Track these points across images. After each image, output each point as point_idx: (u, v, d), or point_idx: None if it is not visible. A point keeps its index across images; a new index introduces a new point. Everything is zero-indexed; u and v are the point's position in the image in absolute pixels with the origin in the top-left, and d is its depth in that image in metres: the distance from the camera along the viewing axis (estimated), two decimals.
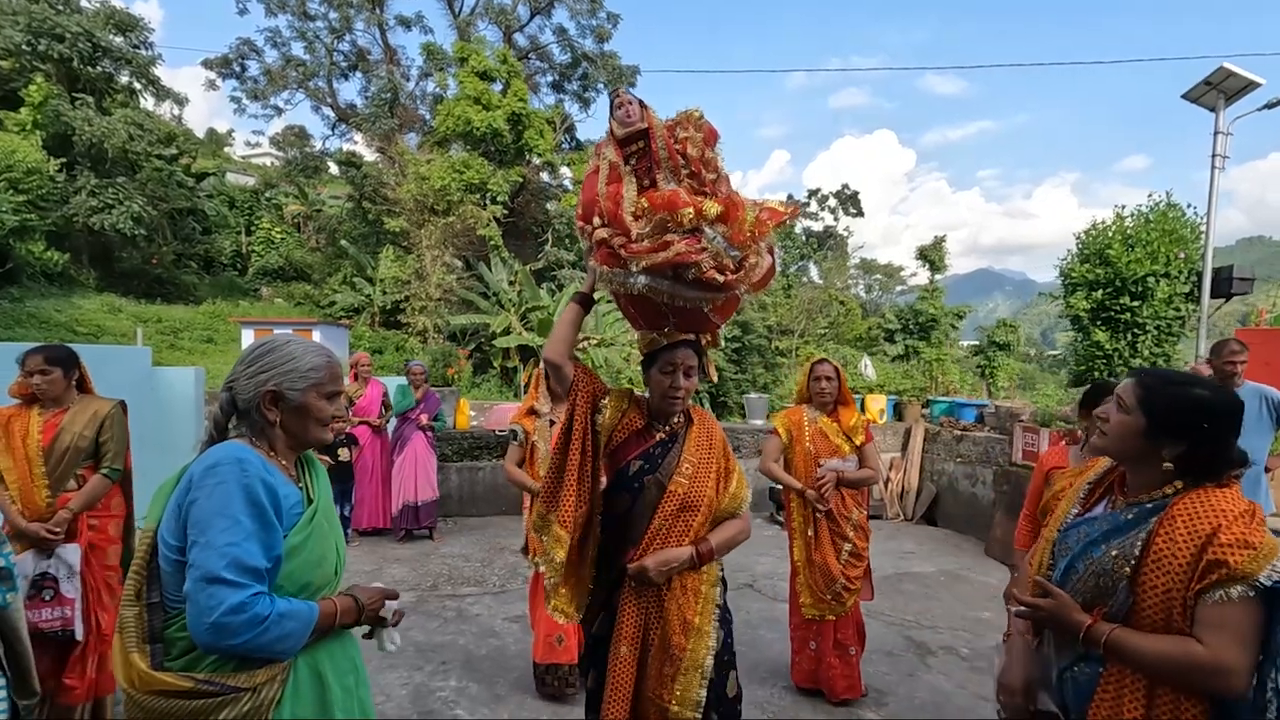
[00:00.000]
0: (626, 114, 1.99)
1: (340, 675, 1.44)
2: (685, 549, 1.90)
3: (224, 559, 1.24)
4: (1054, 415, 6.06)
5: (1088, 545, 1.48)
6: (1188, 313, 7.85)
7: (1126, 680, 1.37)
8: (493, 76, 21.32)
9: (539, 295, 20.15)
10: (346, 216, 24.30)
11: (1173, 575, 1.32)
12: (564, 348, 1.98)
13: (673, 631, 1.88)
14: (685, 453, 1.97)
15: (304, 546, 1.38)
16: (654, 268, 1.79)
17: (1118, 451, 1.53)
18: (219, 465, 1.31)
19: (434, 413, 6.26)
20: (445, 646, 3.94)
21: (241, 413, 1.45)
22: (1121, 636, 1.36)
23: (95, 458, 2.87)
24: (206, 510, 1.27)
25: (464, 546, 5.98)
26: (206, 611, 1.22)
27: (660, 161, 1.93)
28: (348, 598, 1.46)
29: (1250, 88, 7.39)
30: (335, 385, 1.51)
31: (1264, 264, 14.61)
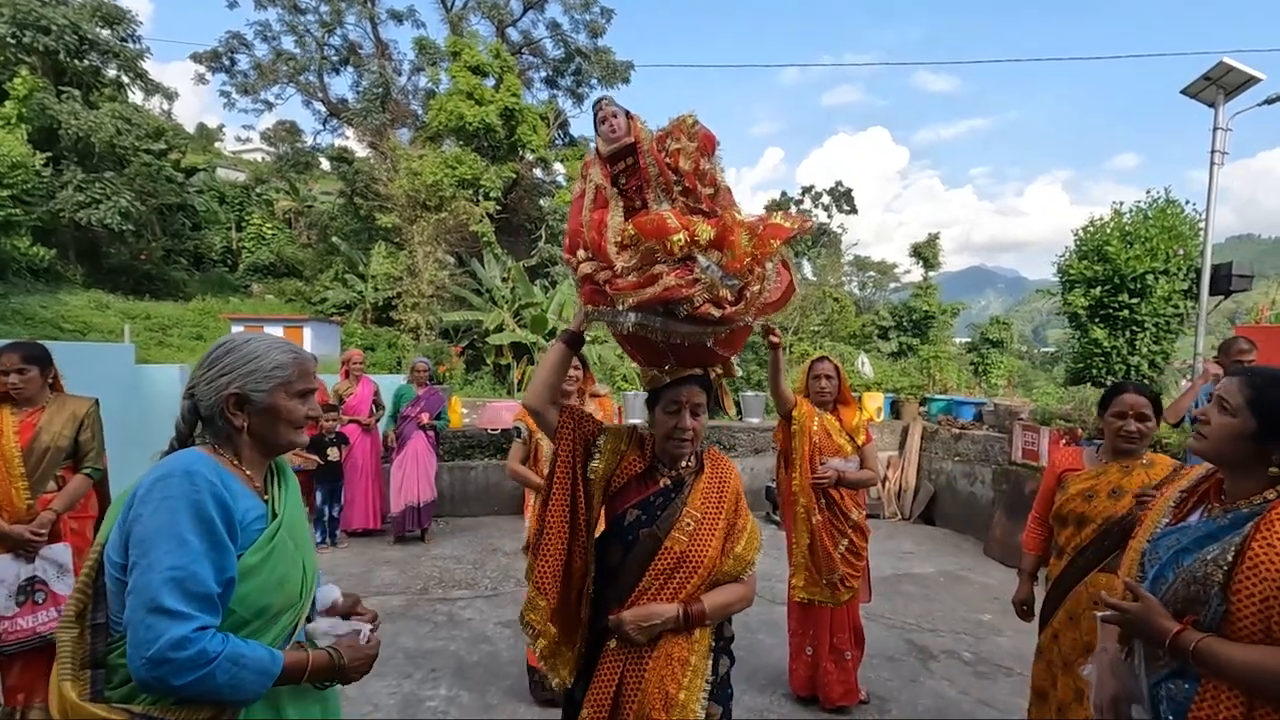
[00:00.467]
0: (611, 129, 1.83)
1: (302, 708, 1.30)
2: (671, 607, 1.67)
3: (168, 584, 1.11)
4: (1054, 414, 5.99)
5: (1179, 553, 1.40)
6: (1186, 310, 7.81)
7: (1223, 696, 1.27)
8: (485, 71, 21.16)
9: (532, 292, 20.01)
10: (338, 212, 24.10)
11: (1271, 582, 1.23)
12: (546, 393, 1.78)
13: (651, 705, 1.63)
14: (689, 505, 1.74)
15: (262, 567, 1.25)
16: (643, 304, 1.59)
17: (1219, 455, 1.44)
18: (166, 478, 1.19)
19: (436, 411, 6.12)
20: (435, 653, 3.83)
21: (205, 420, 1.33)
22: (1211, 645, 1.27)
23: (74, 457, 2.83)
24: (150, 528, 1.14)
25: (456, 548, 5.87)
26: (144, 645, 1.09)
27: (650, 179, 1.76)
28: (324, 654, 1.30)
29: (1250, 83, 7.34)
30: (306, 383, 1.39)
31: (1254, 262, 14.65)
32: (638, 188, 1.77)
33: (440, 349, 18.37)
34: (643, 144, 1.77)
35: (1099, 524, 2.30)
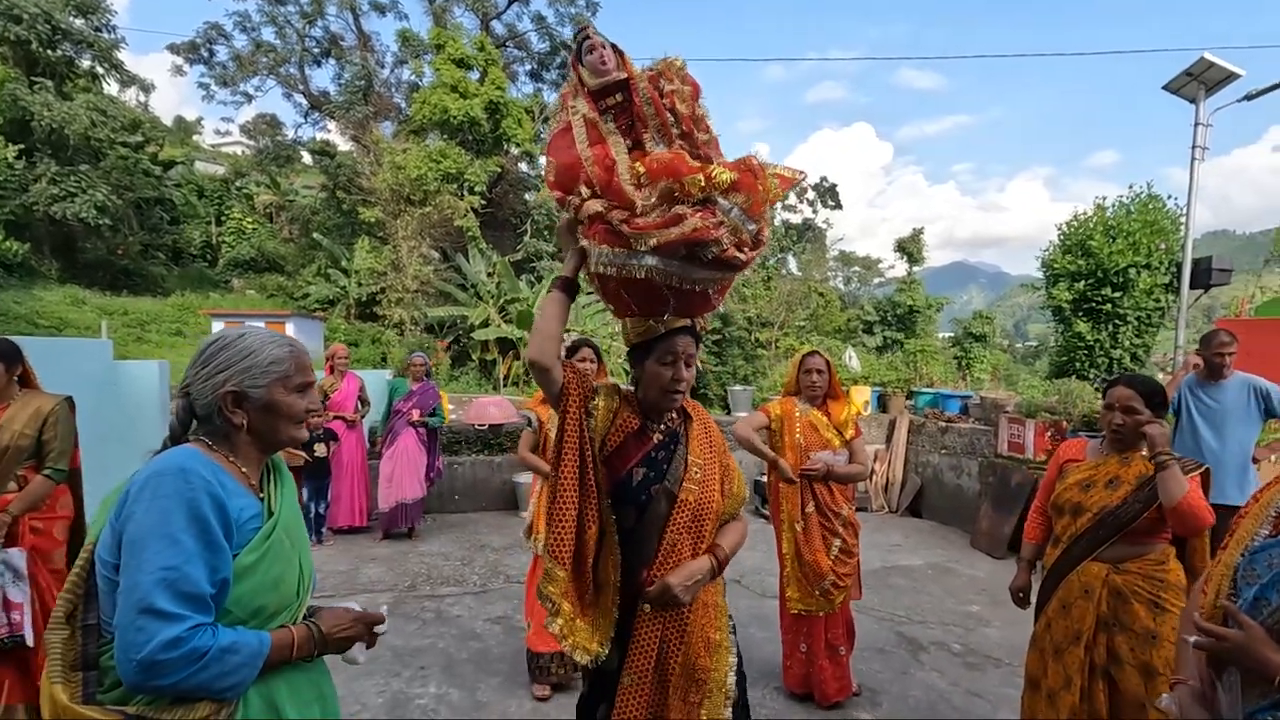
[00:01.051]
0: (601, 59, 1.72)
1: (301, 706, 1.28)
2: (704, 560, 1.69)
3: (159, 585, 1.09)
4: (1039, 406, 6.04)
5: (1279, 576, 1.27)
6: (1167, 304, 7.91)
7: None
8: (470, 64, 20.97)
9: (518, 287, 19.90)
10: (320, 207, 23.82)
11: None
12: (551, 346, 1.65)
13: (697, 654, 1.68)
14: (691, 455, 1.74)
15: (257, 567, 1.22)
16: (665, 246, 1.51)
17: None
18: (159, 476, 1.16)
19: (429, 408, 6.04)
20: (424, 650, 3.79)
21: (202, 418, 1.30)
22: None
23: (38, 457, 2.72)
24: (143, 527, 1.12)
25: (443, 545, 5.81)
26: (135, 647, 1.07)
27: (646, 119, 1.67)
28: (304, 627, 1.30)
29: (1230, 79, 7.43)
30: (304, 376, 1.36)
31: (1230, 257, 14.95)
32: (628, 126, 1.69)
33: (426, 344, 18.24)
34: (637, 81, 1.69)
35: (1094, 513, 2.31)
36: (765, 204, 1.57)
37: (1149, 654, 2.18)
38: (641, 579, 1.68)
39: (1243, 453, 3.88)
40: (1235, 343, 3.92)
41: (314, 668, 1.35)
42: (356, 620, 1.38)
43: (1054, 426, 5.88)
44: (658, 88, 1.69)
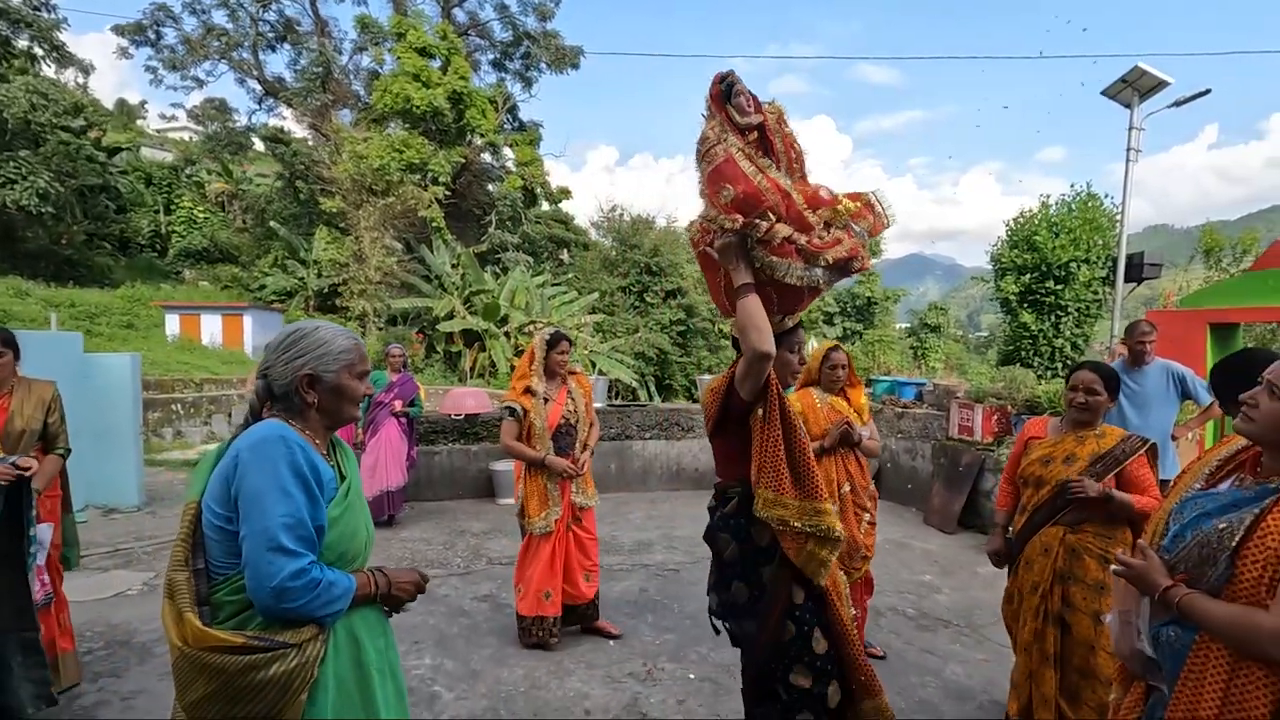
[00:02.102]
0: (746, 103, 2.05)
1: (373, 638, 1.53)
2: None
3: (282, 528, 1.32)
4: (987, 393, 6.47)
5: (1200, 516, 1.49)
6: (1104, 296, 8.46)
7: (1214, 649, 1.38)
8: (432, 53, 20.73)
9: (483, 278, 19.85)
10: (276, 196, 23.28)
11: (1273, 551, 1.32)
12: (772, 338, 2.00)
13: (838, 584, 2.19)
14: None
15: (342, 519, 1.46)
16: (837, 262, 1.95)
17: (1265, 436, 1.49)
18: (266, 441, 1.39)
19: (409, 398, 6.16)
20: (416, 627, 3.96)
21: (278, 396, 1.51)
22: (1193, 600, 1.39)
23: (43, 439, 2.96)
24: (259, 484, 1.34)
25: (424, 531, 5.95)
26: (269, 577, 1.31)
27: (777, 155, 2.04)
28: (373, 574, 1.54)
29: (1161, 86, 7.98)
30: (364, 365, 1.58)
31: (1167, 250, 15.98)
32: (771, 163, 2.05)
33: (402, 336, 18.07)
34: (771, 123, 2.05)
35: (1052, 485, 2.63)
36: (881, 229, 2.05)
37: (1099, 602, 2.49)
38: None
39: (1163, 432, 4.29)
40: (1155, 332, 4.33)
41: (379, 609, 1.60)
42: (412, 575, 1.62)
43: (1000, 411, 6.31)
44: (782, 128, 2.07)
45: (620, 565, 5.11)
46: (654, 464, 7.54)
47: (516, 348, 19.25)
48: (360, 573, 1.51)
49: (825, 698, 2.03)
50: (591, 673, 3.46)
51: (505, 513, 6.58)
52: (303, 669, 1.34)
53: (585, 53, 24.23)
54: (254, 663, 1.31)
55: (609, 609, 4.28)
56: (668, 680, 3.39)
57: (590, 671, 3.47)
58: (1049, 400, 5.83)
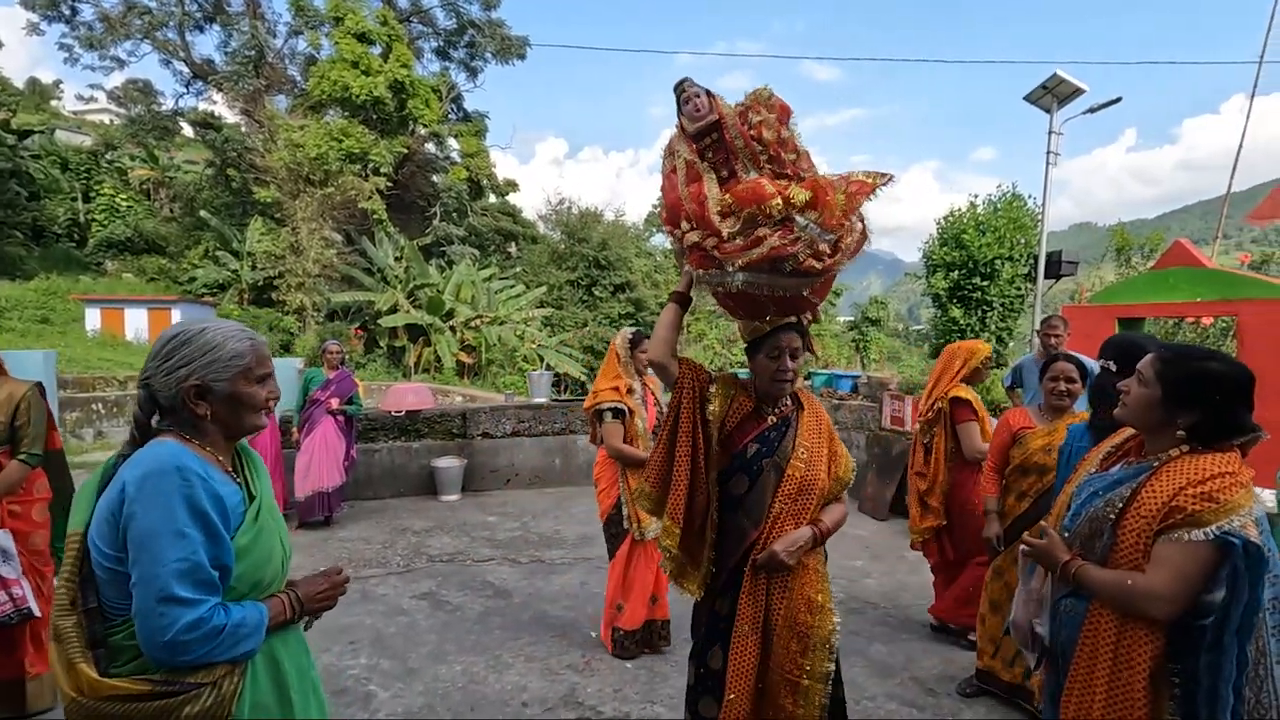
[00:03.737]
0: (695, 108, 1.97)
1: (294, 657, 1.45)
2: (806, 529, 1.96)
3: (176, 575, 1.21)
4: (917, 384, 6.75)
5: (1091, 496, 1.67)
6: (1026, 291, 8.93)
7: (1103, 616, 1.56)
8: (372, 39, 20.13)
9: (427, 272, 19.48)
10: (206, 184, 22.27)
11: (1148, 519, 1.50)
12: (665, 348, 2.03)
13: (798, 611, 1.94)
14: (800, 437, 2.02)
15: (253, 546, 1.35)
16: (751, 265, 1.77)
17: (1136, 420, 1.66)
18: (158, 475, 1.25)
19: (347, 395, 6.02)
20: (352, 627, 3.91)
21: (166, 410, 1.37)
22: (1083, 570, 1.58)
23: (12, 443, 2.75)
24: (149, 525, 1.22)
25: (364, 530, 5.85)
26: (160, 631, 1.20)
27: (737, 152, 1.91)
28: (288, 596, 1.43)
29: (1078, 93, 8.43)
30: (264, 367, 1.44)
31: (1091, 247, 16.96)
32: (724, 159, 1.93)
33: (339, 331, 17.56)
34: (727, 120, 1.92)
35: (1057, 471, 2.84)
36: (839, 215, 1.78)
37: None
38: (750, 540, 1.97)
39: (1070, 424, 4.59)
40: (1066, 326, 4.61)
41: (297, 625, 1.51)
42: (326, 581, 1.52)
43: None
44: (746, 121, 1.93)
45: (561, 559, 5.15)
46: None
47: (463, 342, 18.99)
48: (274, 598, 1.40)
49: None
50: (530, 666, 3.49)
51: (447, 510, 6.53)
52: (219, 705, 1.26)
53: (531, 43, 23.92)
54: (165, 709, 1.22)
55: (548, 602, 4.32)
56: (605, 670, 3.46)
57: (529, 665, 3.50)
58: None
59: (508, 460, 7.33)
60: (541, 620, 4.05)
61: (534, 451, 7.41)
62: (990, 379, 3.00)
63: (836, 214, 1.77)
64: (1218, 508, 1.43)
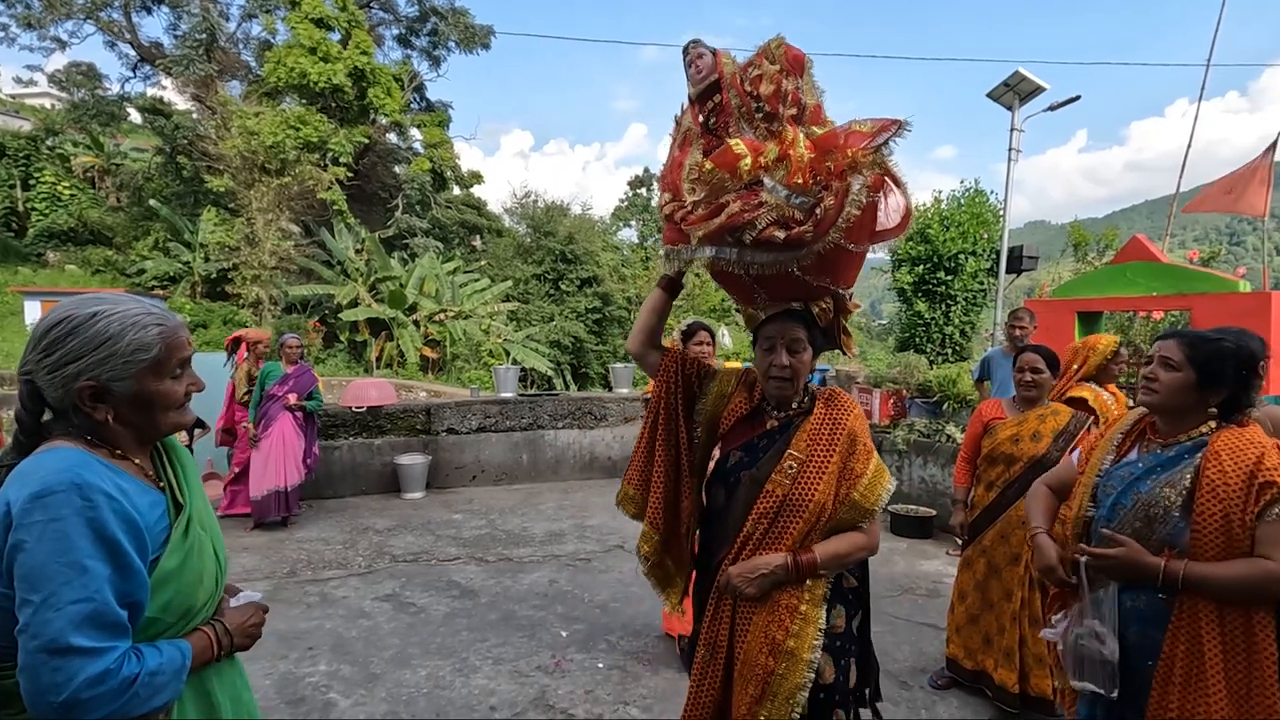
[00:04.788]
0: (697, 69, 1.77)
1: (227, 687, 1.27)
2: (777, 556, 1.61)
3: (73, 623, 0.97)
4: (883, 378, 6.80)
5: (1132, 483, 1.63)
6: (989, 286, 9.09)
7: (1202, 611, 1.49)
8: (330, 24, 19.54)
9: (389, 265, 19.04)
10: (156, 172, 21.38)
11: (1229, 501, 1.48)
12: (643, 337, 1.84)
13: (756, 650, 1.62)
14: (792, 447, 1.67)
15: (183, 569, 1.13)
16: (711, 236, 1.56)
17: (1168, 405, 1.64)
18: (50, 495, 1.00)
19: (305, 391, 5.80)
20: (311, 632, 3.75)
21: (57, 411, 1.12)
22: (1197, 570, 1.48)
23: None
24: (41, 557, 0.98)
25: (323, 530, 5.65)
26: (54, 689, 0.96)
27: (733, 110, 1.69)
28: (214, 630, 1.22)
29: (1038, 91, 8.60)
30: (179, 354, 1.17)
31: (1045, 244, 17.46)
32: (726, 124, 1.71)
33: (297, 325, 17.03)
34: (725, 76, 1.71)
35: (1025, 461, 2.87)
36: (805, 173, 1.48)
37: None
38: (719, 559, 1.72)
39: None
40: (1031, 318, 4.67)
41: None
42: (256, 611, 1.35)
43: (896, 395, 6.65)
44: (745, 76, 1.70)
45: (530, 557, 5.04)
46: (566, 454, 7.48)
47: (427, 337, 18.62)
48: (199, 633, 1.19)
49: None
50: (498, 668, 3.39)
51: (411, 508, 6.35)
52: None
53: (496, 33, 23.53)
54: None
55: (516, 601, 4.22)
56: (576, 671, 3.37)
57: (497, 667, 3.40)
58: (938, 384, 6.20)
59: (474, 456, 7.17)
60: (510, 620, 3.95)
61: (500, 447, 7.26)
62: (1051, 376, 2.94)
63: (803, 171, 1.47)
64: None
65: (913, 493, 5.81)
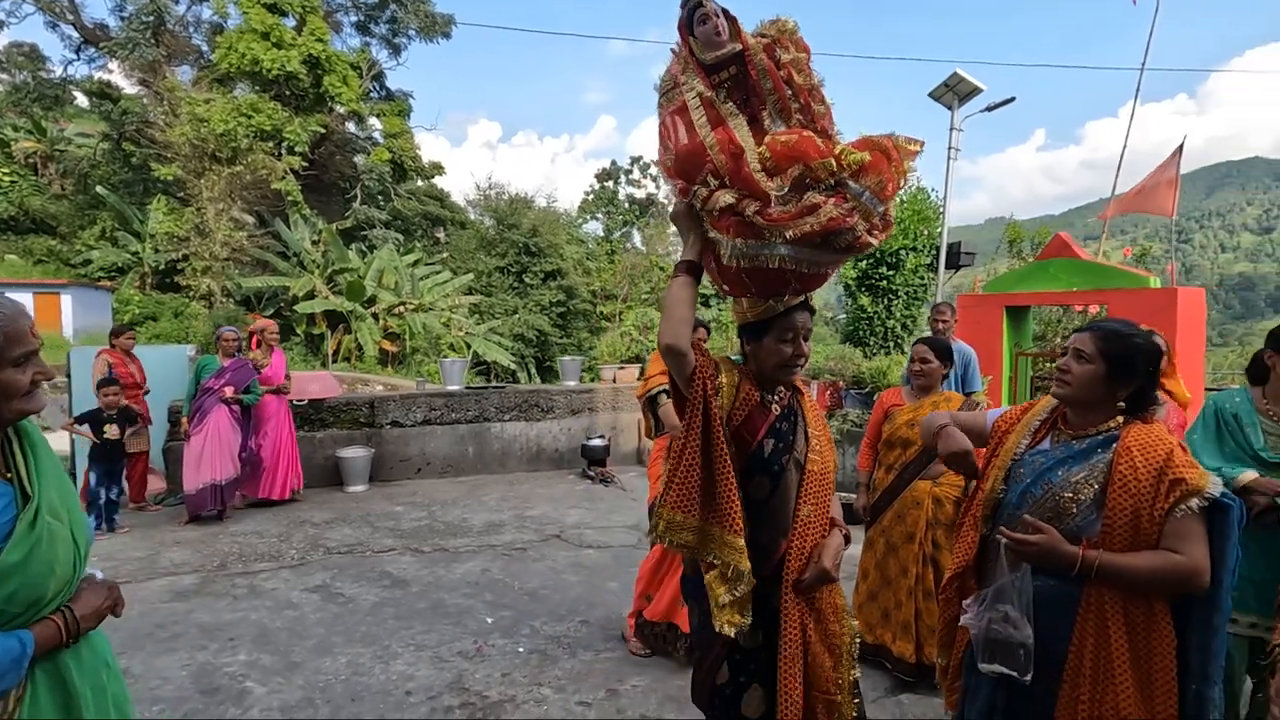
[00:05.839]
0: (716, 30, 1.62)
1: (88, 675, 1.26)
2: (837, 535, 1.76)
3: None
4: (822, 369, 7.00)
5: (1044, 472, 1.67)
6: (929, 281, 9.37)
7: (1107, 600, 1.55)
8: (284, 9, 19.10)
9: (347, 256, 18.79)
10: (102, 159, 20.73)
11: (1139, 496, 1.53)
12: (685, 330, 1.62)
13: (829, 620, 1.73)
14: (810, 426, 1.77)
15: (29, 561, 1.12)
16: (803, 237, 1.47)
17: (1080, 396, 1.68)
18: None
19: (243, 385, 5.78)
20: (235, 624, 3.77)
21: None
22: (1111, 560, 1.53)
23: None
24: None
25: (259, 524, 5.63)
26: None
27: (763, 94, 1.58)
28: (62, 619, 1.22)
29: (976, 92, 8.86)
30: (22, 347, 1.16)
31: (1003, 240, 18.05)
32: (743, 101, 1.60)
33: (236, 317, 16.68)
34: (753, 54, 1.59)
35: (919, 445, 3.04)
36: (898, 186, 1.52)
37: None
38: (781, 552, 1.69)
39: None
40: (952, 313, 4.87)
41: (95, 637, 1.33)
42: (110, 593, 1.33)
43: (832, 386, 6.85)
44: (773, 57, 1.60)
45: (467, 547, 5.11)
46: (513, 446, 7.55)
47: (386, 330, 18.44)
48: (45, 622, 1.18)
49: None
50: (419, 654, 3.46)
51: (352, 501, 6.37)
52: None
53: (457, 22, 23.25)
54: None
55: (447, 590, 4.29)
56: (497, 656, 3.46)
57: (418, 654, 3.47)
58: (871, 375, 6.41)
59: (419, 449, 7.19)
60: (438, 608, 4.02)
61: (446, 440, 7.30)
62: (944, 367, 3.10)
63: (895, 183, 1.52)
64: (1202, 473, 1.53)
65: (846, 481, 6.01)
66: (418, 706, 2.99)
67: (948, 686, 1.96)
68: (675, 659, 3.33)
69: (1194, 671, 1.56)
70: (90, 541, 1.34)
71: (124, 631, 3.56)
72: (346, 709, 2.97)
